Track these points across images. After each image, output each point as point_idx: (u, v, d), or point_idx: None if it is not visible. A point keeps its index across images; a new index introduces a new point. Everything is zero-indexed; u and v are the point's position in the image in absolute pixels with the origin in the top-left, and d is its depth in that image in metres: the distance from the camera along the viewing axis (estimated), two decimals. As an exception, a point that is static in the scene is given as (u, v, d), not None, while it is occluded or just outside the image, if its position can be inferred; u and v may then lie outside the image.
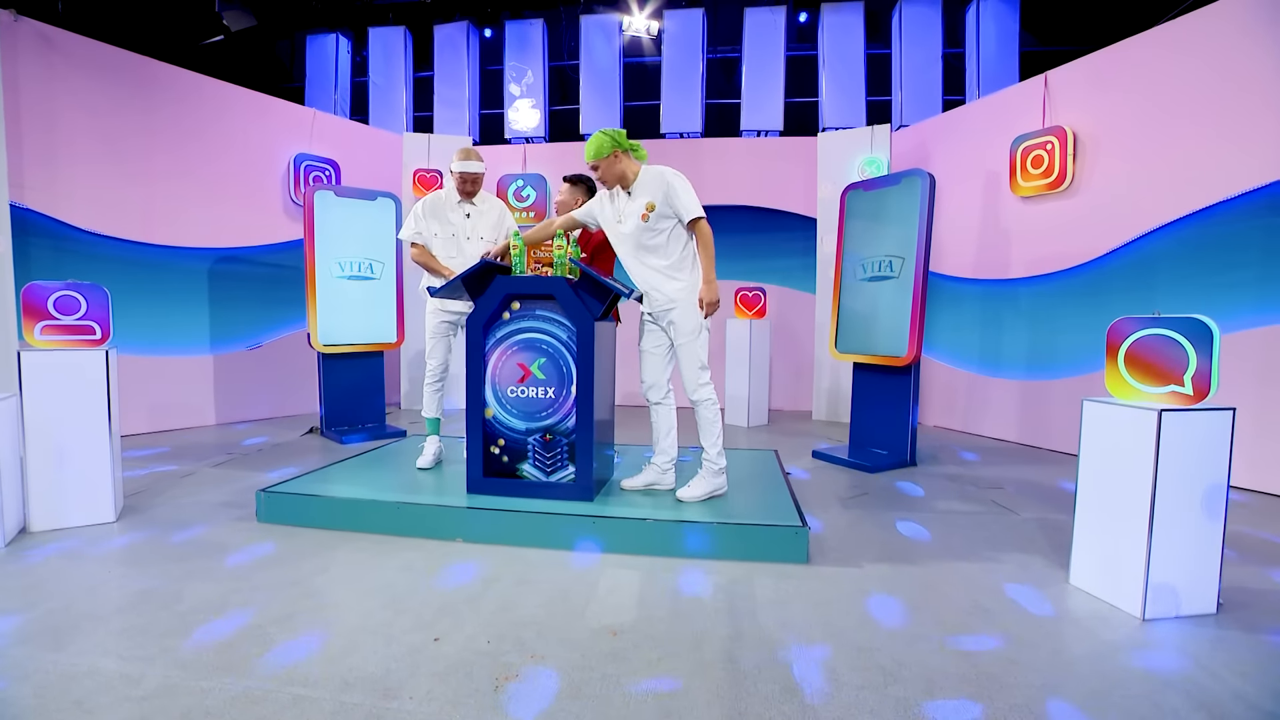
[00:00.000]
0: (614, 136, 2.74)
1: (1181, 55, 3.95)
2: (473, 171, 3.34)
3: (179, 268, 4.95)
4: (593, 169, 2.80)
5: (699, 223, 2.77)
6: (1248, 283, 3.64)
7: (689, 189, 2.78)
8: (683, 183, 2.78)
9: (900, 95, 6.81)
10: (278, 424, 5.27)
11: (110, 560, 2.41)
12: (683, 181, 2.78)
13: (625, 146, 2.77)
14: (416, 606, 2.07)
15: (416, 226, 3.40)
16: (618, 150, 2.75)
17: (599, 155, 2.74)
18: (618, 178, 2.80)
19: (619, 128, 2.84)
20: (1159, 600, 2.05)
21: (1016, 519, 3.08)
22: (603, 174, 2.80)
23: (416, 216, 3.41)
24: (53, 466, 2.68)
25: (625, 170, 2.79)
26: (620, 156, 2.77)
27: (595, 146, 2.73)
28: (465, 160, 3.33)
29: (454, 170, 3.34)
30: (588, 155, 2.77)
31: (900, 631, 1.96)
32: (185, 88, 4.99)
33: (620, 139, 2.75)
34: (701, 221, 2.77)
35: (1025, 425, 4.91)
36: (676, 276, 2.81)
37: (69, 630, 1.87)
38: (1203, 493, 2.04)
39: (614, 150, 2.74)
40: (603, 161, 2.76)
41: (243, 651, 1.77)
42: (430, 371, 3.48)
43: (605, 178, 2.81)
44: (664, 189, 2.74)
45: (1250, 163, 3.62)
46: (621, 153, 2.77)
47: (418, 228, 3.40)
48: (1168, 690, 1.66)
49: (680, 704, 1.57)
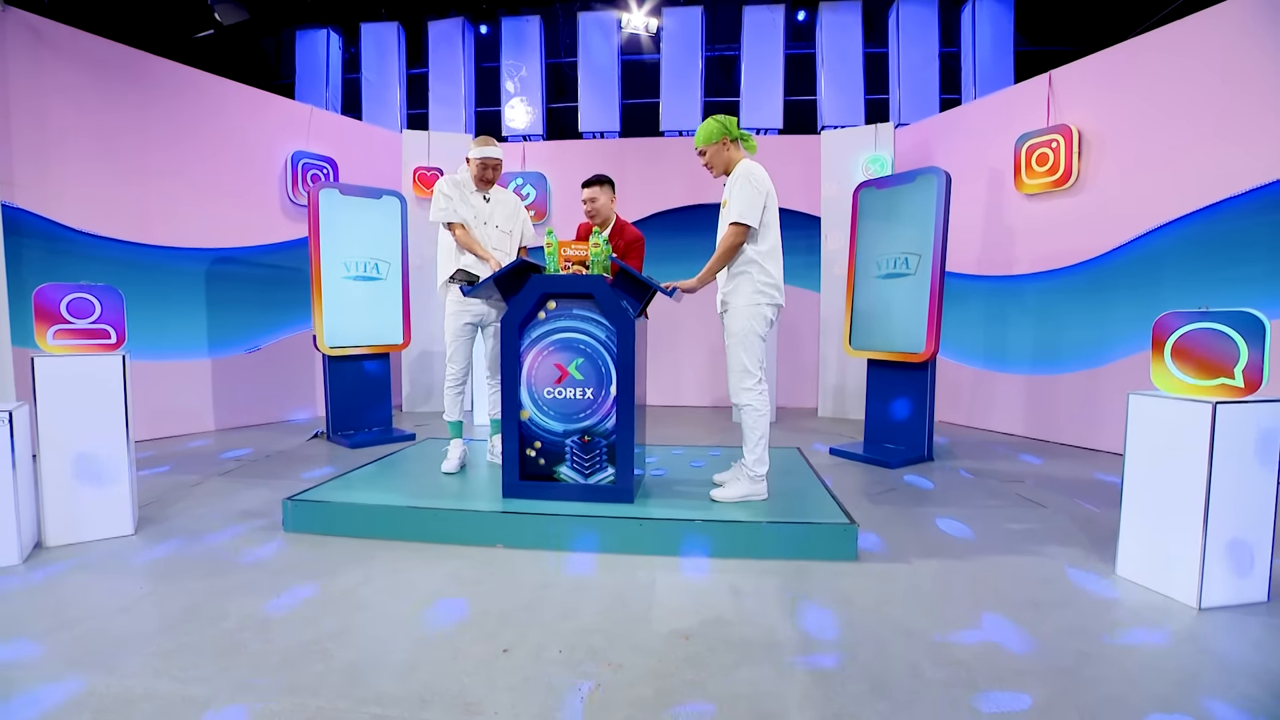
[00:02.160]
0: (724, 124, 2.77)
1: (1183, 57, 4.04)
2: (495, 158, 3.27)
3: (175, 269, 4.77)
4: (700, 154, 2.83)
5: (733, 225, 2.72)
6: (1253, 278, 3.73)
7: (750, 191, 2.69)
8: (748, 183, 2.69)
9: (898, 94, 6.87)
10: (280, 429, 5.12)
11: (139, 575, 2.30)
12: (750, 182, 2.69)
13: (735, 135, 2.80)
14: (474, 616, 2.01)
15: (450, 206, 3.22)
16: (726, 138, 2.77)
17: (708, 141, 2.77)
18: (724, 165, 2.82)
19: (731, 116, 2.87)
20: (1213, 590, 2.08)
21: (1046, 512, 3.11)
22: (710, 160, 2.82)
23: (448, 196, 3.23)
24: (69, 478, 2.56)
25: (731, 158, 2.80)
26: (728, 144, 2.79)
27: (705, 133, 2.77)
28: (488, 146, 3.26)
29: (474, 157, 3.25)
30: (697, 141, 2.81)
31: (967, 626, 1.95)
32: (180, 83, 4.81)
33: (731, 126, 2.78)
34: (736, 226, 2.71)
35: (1032, 419, 4.98)
36: (737, 277, 2.79)
37: (113, 651, 1.77)
38: (1255, 483, 2.08)
39: (723, 137, 2.77)
40: (710, 147, 2.79)
41: (307, 669, 1.69)
42: (453, 375, 3.39)
43: (712, 164, 2.83)
44: (732, 189, 2.73)
45: (1253, 162, 3.71)
46: (730, 141, 2.79)
47: (452, 207, 3.23)
48: (1239, 677, 1.68)
49: (773, 707, 1.54)
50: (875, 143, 5.79)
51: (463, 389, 3.43)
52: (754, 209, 2.69)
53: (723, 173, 2.84)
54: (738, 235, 2.72)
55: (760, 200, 2.70)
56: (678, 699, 1.58)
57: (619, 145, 6.96)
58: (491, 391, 3.52)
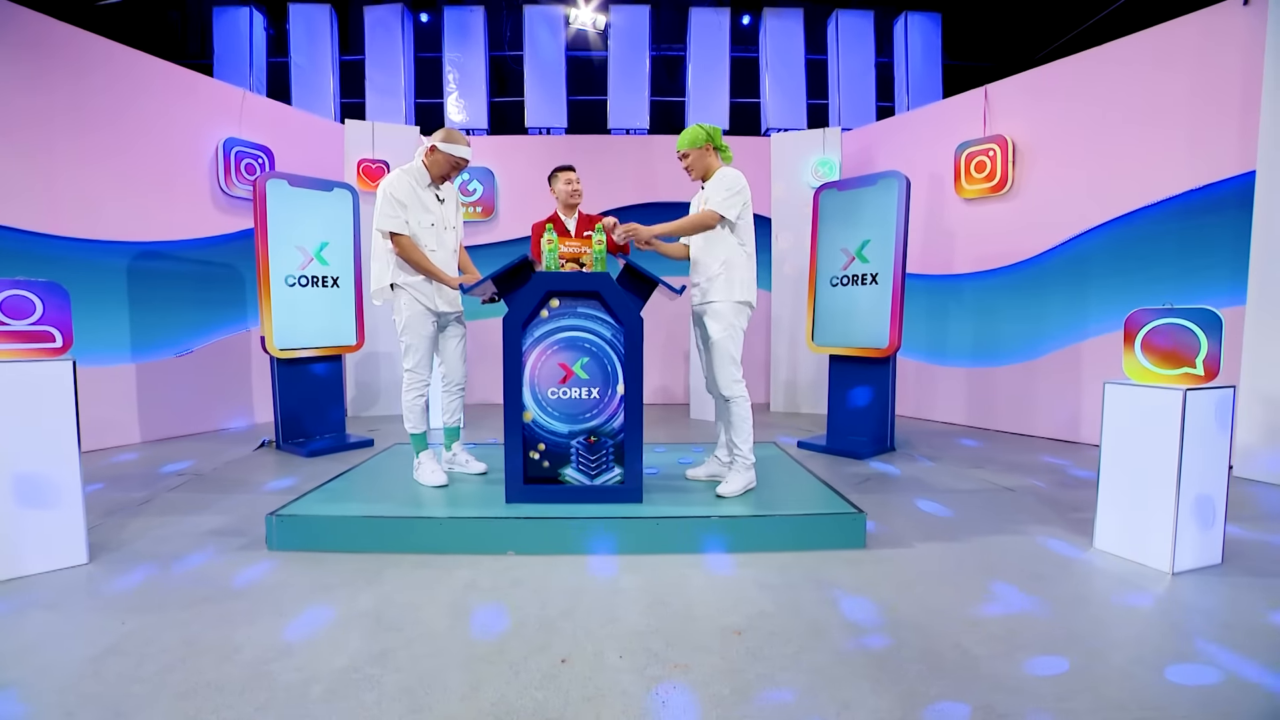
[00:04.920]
0: (709, 132, 2.85)
1: (1108, 78, 4.48)
2: (468, 159, 3.00)
3: (91, 263, 4.26)
4: (682, 157, 2.89)
5: (712, 212, 2.79)
6: (1168, 278, 4.20)
7: (731, 189, 2.79)
8: (730, 182, 2.80)
9: (838, 99, 7.19)
10: (218, 439, 4.69)
11: (112, 609, 2.04)
12: (731, 182, 2.80)
13: (718, 144, 2.88)
14: (514, 627, 1.93)
15: (402, 216, 2.87)
16: (710, 145, 2.85)
17: (693, 145, 2.85)
18: (703, 171, 2.89)
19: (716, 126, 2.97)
20: (1183, 556, 2.33)
21: (1014, 495, 3.37)
22: (692, 163, 2.88)
23: (401, 204, 2.86)
24: (8, 502, 2.23)
25: (710, 165, 2.88)
26: (710, 151, 2.87)
27: (691, 137, 2.84)
28: (461, 145, 2.93)
29: (447, 153, 2.90)
30: (681, 144, 2.87)
31: (987, 601, 2.08)
32: (89, 55, 4.28)
33: (715, 135, 2.87)
34: (713, 213, 2.78)
35: (973, 409, 5.37)
36: (716, 276, 2.85)
37: (120, 699, 1.56)
38: (1213, 459, 2.34)
39: (707, 143, 2.85)
40: (695, 152, 2.86)
41: (357, 697, 1.57)
42: (418, 383, 3.02)
43: (692, 167, 2.89)
44: (715, 183, 2.79)
45: (1167, 174, 4.18)
46: (713, 149, 2.87)
47: (403, 217, 2.87)
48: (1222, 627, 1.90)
49: (849, 692, 1.58)
50: (824, 146, 6.03)
51: (425, 398, 3.11)
52: (731, 206, 2.80)
53: (701, 177, 2.94)
54: (710, 218, 2.80)
55: (739, 200, 2.81)
56: (755, 692, 1.59)
57: (567, 141, 6.88)
58: (448, 398, 3.24)
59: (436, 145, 2.91)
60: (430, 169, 2.96)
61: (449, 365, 3.18)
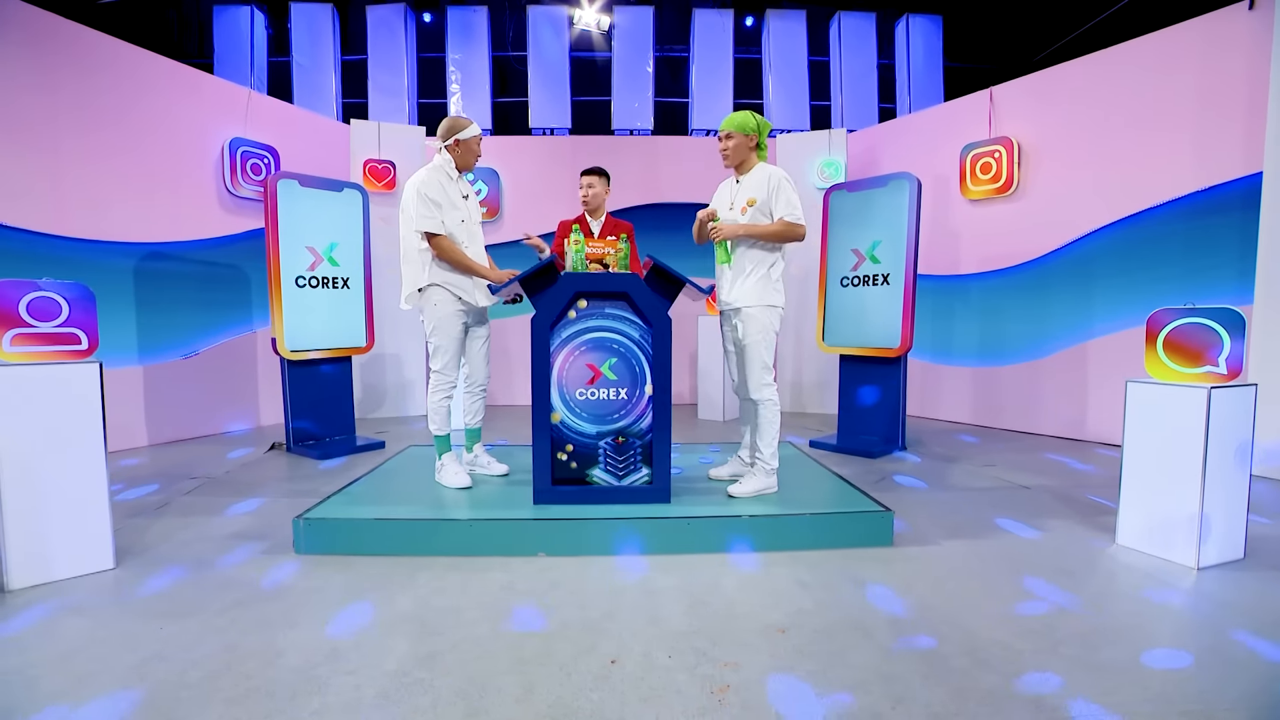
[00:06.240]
0: (760, 123, 2.82)
1: (1112, 81, 4.54)
2: (480, 138, 3.00)
3: (98, 264, 4.20)
4: (725, 137, 2.83)
5: (801, 225, 2.78)
6: (1173, 278, 4.27)
7: (794, 198, 2.79)
8: (790, 191, 2.80)
9: (841, 101, 7.24)
10: (224, 442, 4.64)
11: (146, 614, 2.02)
12: (791, 191, 2.80)
13: (762, 141, 2.85)
14: (556, 629, 1.93)
15: (438, 214, 2.86)
16: (755, 136, 2.83)
17: (741, 129, 2.81)
18: (740, 160, 2.86)
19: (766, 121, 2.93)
20: (1208, 551, 2.37)
21: (1030, 492, 3.40)
22: (733, 148, 2.83)
23: (433, 203, 2.84)
24: (36, 507, 2.20)
25: (748, 158, 2.86)
26: (753, 143, 2.84)
27: (740, 121, 2.81)
28: (471, 127, 2.93)
29: (467, 138, 2.91)
30: (729, 124, 2.82)
31: (1022, 598, 2.11)
32: (96, 54, 4.23)
33: (764, 127, 2.84)
34: (802, 226, 2.77)
35: (978, 408, 5.42)
36: (750, 278, 2.84)
37: (172, 705, 1.55)
38: (1236, 456, 2.38)
39: (754, 134, 2.83)
40: (739, 136, 2.82)
41: (411, 702, 1.56)
42: (445, 384, 3.01)
43: (732, 153, 2.85)
44: (772, 188, 2.78)
45: (1170, 176, 4.24)
46: (755, 143, 2.85)
47: (439, 216, 2.87)
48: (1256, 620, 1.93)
49: (901, 690, 1.60)
50: (829, 147, 6.07)
51: (450, 399, 3.10)
52: (802, 216, 2.80)
53: (734, 165, 2.89)
54: (800, 231, 2.78)
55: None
56: (811, 689, 1.60)
57: (571, 142, 6.87)
58: (470, 398, 3.24)
59: (458, 138, 2.93)
60: (458, 160, 2.97)
61: (473, 366, 3.18)
